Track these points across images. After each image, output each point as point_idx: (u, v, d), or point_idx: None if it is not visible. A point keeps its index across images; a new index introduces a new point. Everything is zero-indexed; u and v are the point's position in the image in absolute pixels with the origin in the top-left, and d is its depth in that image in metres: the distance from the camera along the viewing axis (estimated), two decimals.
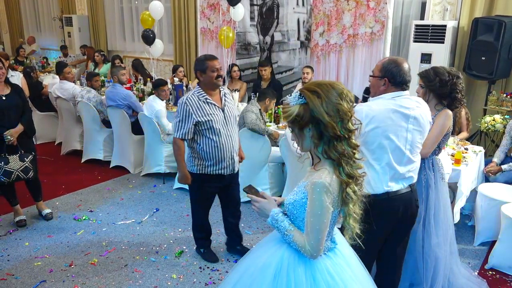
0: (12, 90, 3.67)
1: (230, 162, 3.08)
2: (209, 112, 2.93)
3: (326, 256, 1.68)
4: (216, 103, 2.98)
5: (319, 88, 1.56)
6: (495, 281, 3.14)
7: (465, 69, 4.83)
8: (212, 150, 2.99)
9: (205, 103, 2.93)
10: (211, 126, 2.94)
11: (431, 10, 5.27)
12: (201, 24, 7.24)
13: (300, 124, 1.58)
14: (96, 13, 9.50)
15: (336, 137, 1.56)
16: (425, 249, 2.66)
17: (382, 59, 2.29)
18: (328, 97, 1.54)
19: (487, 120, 4.32)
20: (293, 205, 1.65)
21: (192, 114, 2.90)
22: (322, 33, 5.89)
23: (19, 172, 3.59)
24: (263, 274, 1.66)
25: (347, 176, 1.58)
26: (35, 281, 3.08)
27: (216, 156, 3.01)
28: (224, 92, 3.09)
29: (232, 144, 3.06)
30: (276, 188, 4.34)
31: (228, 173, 3.11)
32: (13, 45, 11.90)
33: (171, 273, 3.19)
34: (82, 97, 5.26)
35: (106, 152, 5.39)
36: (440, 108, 2.66)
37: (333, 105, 1.54)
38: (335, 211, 1.62)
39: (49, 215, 4.00)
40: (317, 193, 1.54)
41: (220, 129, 2.97)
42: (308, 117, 1.56)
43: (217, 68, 2.92)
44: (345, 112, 1.55)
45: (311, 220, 1.56)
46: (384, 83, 2.20)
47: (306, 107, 1.56)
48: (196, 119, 2.90)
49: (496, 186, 3.66)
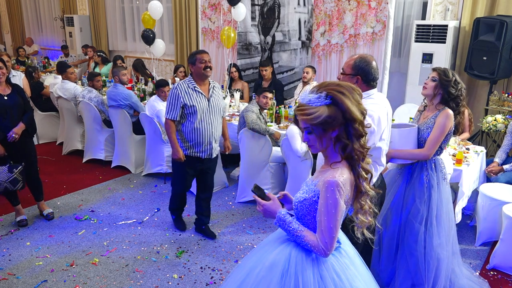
0: (13, 90, 3.69)
1: (208, 147, 3.45)
2: (195, 98, 3.31)
3: (332, 255, 1.68)
4: (203, 93, 3.34)
5: (344, 89, 1.56)
6: (497, 281, 3.13)
7: (466, 69, 4.83)
8: (192, 133, 3.38)
9: (193, 90, 3.31)
10: (194, 111, 3.31)
11: (433, 10, 5.26)
12: (202, 24, 7.24)
13: (332, 125, 1.56)
14: (97, 13, 9.51)
15: (362, 135, 1.59)
16: (427, 249, 2.66)
17: (351, 57, 2.33)
18: (354, 97, 1.56)
19: (488, 120, 4.32)
20: (303, 204, 1.65)
21: (180, 97, 3.28)
22: (323, 33, 5.89)
23: (7, 183, 3.55)
24: (271, 273, 1.65)
25: (364, 171, 1.60)
26: (36, 281, 3.08)
27: (195, 139, 3.39)
28: (214, 85, 3.44)
29: (212, 131, 3.42)
30: (277, 188, 4.34)
31: (206, 157, 3.49)
32: (14, 45, 11.92)
33: (172, 273, 3.19)
34: (84, 97, 5.26)
35: (107, 152, 5.40)
36: (441, 108, 2.66)
37: (358, 107, 1.57)
38: (346, 209, 1.63)
39: (50, 214, 4.00)
40: (331, 192, 1.54)
41: (202, 115, 3.34)
42: (341, 119, 1.55)
43: (205, 60, 3.28)
44: (363, 113, 1.59)
45: (325, 219, 1.56)
46: (357, 81, 2.26)
47: (336, 108, 1.54)
48: (183, 102, 3.28)
49: (498, 186, 3.65)
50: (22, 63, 9.11)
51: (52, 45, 11.29)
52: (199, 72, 3.29)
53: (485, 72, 4.62)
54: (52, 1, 10.91)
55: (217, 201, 4.42)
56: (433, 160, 2.69)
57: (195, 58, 3.30)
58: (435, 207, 2.65)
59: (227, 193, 4.65)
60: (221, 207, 4.31)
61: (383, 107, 2.30)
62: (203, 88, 3.35)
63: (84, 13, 9.93)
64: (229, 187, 4.79)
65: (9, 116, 3.61)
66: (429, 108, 2.73)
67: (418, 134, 2.69)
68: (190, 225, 3.92)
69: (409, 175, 2.76)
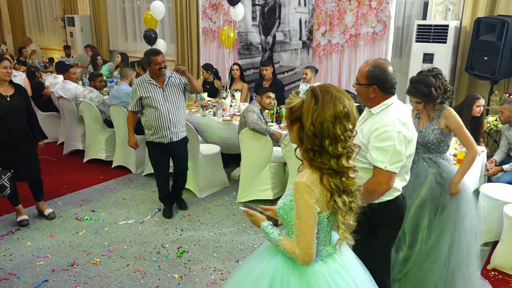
0: (16, 91, 3.66)
1: (167, 132, 3.78)
2: (150, 90, 3.72)
3: (323, 261, 1.61)
4: (158, 84, 3.72)
5: (322, 95, 1.46)
6: (498, 281, 3.13)
7: (467, 69, 4.82)
8: (151, 120, 3.75)
9: (148, 83, 3.73)
10: (150, 101, 3.71)
11: (433, 10, 5.26)
12: (203, 24, 7.24)
13: (289, 116, 1.56)
14: (98, 13, 9.51)
15: (313, 150, 1.48)
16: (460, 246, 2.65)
17: (364, 65, 2.14)
18: (323, 110, 1.44)
19: (489, 120, 4.31)
20: (283, 209, 1.60)
21: (136, 91, 3.74)
22: (324, 33, 5.89)
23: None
24: (259, 283, 1.62)
25: (335, 186, 1.49)
26: (37, 281, 3.09)
27: (154, 125, 3.75)
28: (169, 76, 3.77)
29: (169, 118, 3.75)
30: (277, 188, 4.34)
31: (167, 142, 3.81)
32: (15, 45, 11.93)
33: (172, 273, 3.20)
34: (85, 97, 5.27)
35: (108, 152, 5.40)
36: (440, 108, 2.67)
37: (323, 121, 1.44)
38: (325, 213, 1.54)
39: (51, 214, 4.00)
40: (299, 193, 1.48)
41: (158, 104, 3.71)
42: (296, 115, 1.52)
43: (159, 61, 3.66)
44: (335, 134, 1.45)
45: (297, 222, 1.50)
46: (373, 91, 2.10)
47: (301, 105, 1.51)
48: (139, 95, 3.72)
49: (499, 186, 3.64)
50: (23, 63, 9.13)
51: (54, 45, 11.29)
52: (155, 72, 3.70)
53: (486, 72, 4.62)
54: (53, 1, 10.91)
55: (218, 201, 4.43)
56: (445, 157, 2.70)
57: (150, 60, 3.67)
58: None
59: (227, 193, 4.65)
60: (221, 207, 4.31)
61: (407, 117, 2.11)
62: (158, 80, 3.73)
63: (85, 13, 9.93)
64: (229, 187, 4.79)
65: (12, 118, 3.57)
66: (428, 111, 2.73)
67: (422, 137, 2.68)
68: (190, 225, 3.93)
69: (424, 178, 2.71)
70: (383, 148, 1.98)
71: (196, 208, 4.26)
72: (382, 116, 2.07)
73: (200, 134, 4.93)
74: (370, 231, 2.11)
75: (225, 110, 5.23)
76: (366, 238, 2.06)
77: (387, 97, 2.12)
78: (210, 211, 4.21)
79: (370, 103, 2.15)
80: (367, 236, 2.08)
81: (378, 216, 2.10)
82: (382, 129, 2.00)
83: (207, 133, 5.06)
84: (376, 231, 2.15)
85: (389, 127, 1.99)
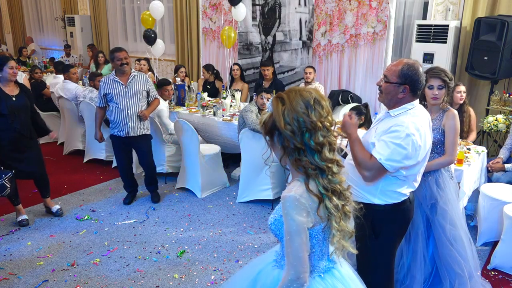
0: (20, 91, 3.73)
1: (124, 126, 4.03)
2: (113, 86, 3.99)
3: (321, 278, 1.53)
4: (121, 81, 3.99)
5: (286, 95, 1.44)
6: (498, 281, 3.13)
7: (467, 69, 4.82)
8: (112, 115, 4.03)
9: (112, 81, 4.00)
10: (112, 97, 3.98)
11: (434, 10, 5.26)
12: (203, 24, 7.24)
13: (265, 131, 1.49)
14: (98, 13, 9.52)
15: (297, 149, 1.43)
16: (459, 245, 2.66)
17: (396, 63, 2.07)
18: (292, 106, 1.41)
19: (489, 120, 4.31)
20: (275, 225, 1.52)
21: (102, 88, 4.03)
22: (324, 33, 5.89)
23: None
24: None
25: (324, 189, 1.43)
26: (37, 281, 3.09)
27: (115, 120, 4.03)
28: (135, 75, 4.03)
29: (128, 113, 4.00)
30: (277, 189, 4.34)
31: (124, 136, 4.06)
32: (15, 45, 11.94)
33: (173, 273, 3.19)
34: (85, 97, 5.27)
35: (108, 152, 5.40)
36: (446, 108, 2.66)
37: (297, 115, 1.40)
38: (320, 225, 1.47)
39: (59, 210, 4.04)
40: (288, 208, 1.40)
41: (118, 100, 3.98)
42: (270, 125, 1.46)
43: (121, 57, 3.93)
44: (312, 123, 1.41)
45: (288, 239, 1.41)
46: (403, 90, 2.03)
47: (271, 115, 1.46)
48: (104, 91, 4.02)
49: (499, 186, 3.64)
50: (24, 63, 9.13)
51: (54, 45, 11.30)
52: (117, 68, 3.98)
53: (486, 72, 4.61)
54: (53, 1, 10.92)
55: (218, 201, 4.43)
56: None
57: (113, 56, 3.96)
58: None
59: (228, 193, 4.65)
60: (221, 207, 4.31)
61: (424, 123, 2.07)
62: (122, 78, 4.00)
63: (85, 13, 9.94)
64: (230, 187, 4.79)
65: (18, 118, 3.62)
66: (430, 110, 2.72)
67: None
68: (190, 225, 3.93)
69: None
70: (387, 142, 1.98)
71: (196, 208, 4.26)
72: (399, 118, 2.04)
73: (200, 134, 4.93)
74: (374, 233, 2.10)
75: (225, 110, 5.23)
76: (369, 241, 2.06)
77: (412, 100, 2.07)
78: (210, 211, 4.21)
79: (394, 103, 2.09)
80: (371, 239, 2.08)
81: (381, 217, 2.10)
82: (395, 128, 1.99)
83: (207, 133, 5.06)
84: (379, 233, 2.13)
85: (402, 127, 1.97)
